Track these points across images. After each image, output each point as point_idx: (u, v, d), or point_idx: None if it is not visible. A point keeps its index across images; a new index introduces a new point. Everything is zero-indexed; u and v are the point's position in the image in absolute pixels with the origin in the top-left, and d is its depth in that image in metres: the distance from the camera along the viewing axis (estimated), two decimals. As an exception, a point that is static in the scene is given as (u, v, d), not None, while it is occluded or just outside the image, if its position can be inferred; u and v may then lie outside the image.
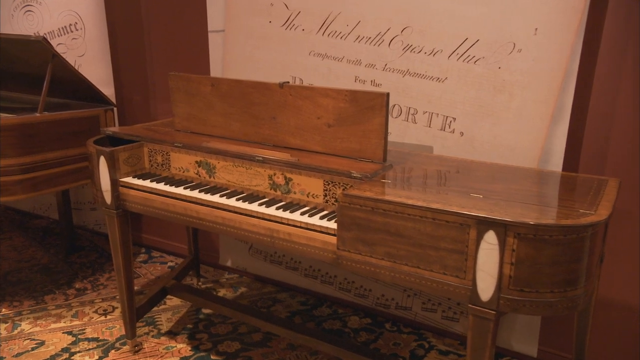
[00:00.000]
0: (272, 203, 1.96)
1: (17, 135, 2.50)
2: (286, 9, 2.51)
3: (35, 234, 4.06)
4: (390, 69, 2.32)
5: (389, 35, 2.28)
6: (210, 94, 2.30)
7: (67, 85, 2.97)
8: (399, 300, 2.62)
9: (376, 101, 1.89)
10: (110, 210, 2.26)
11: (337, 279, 2.81)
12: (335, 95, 1.98)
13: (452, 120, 2.22)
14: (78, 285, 3.23)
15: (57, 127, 2.69)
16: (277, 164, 1.99)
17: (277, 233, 1.86)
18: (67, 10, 3.31)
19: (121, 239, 2.30)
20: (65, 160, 2.75)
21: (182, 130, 2.45)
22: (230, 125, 2.29)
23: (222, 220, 1.99)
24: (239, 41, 2.70)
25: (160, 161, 2.31)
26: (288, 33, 2.55)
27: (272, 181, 2.02)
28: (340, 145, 2.03)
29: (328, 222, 1.78)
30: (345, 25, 2.37)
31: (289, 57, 2.58)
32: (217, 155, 2.13)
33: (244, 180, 2.09)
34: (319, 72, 2.51)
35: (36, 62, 2.78)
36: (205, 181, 2.20)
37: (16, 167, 2.52)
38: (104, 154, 2.18)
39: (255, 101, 2.18)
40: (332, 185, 1.88)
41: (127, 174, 2.28)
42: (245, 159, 2.06)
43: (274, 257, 3.03)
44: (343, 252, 1.68)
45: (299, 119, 2.09)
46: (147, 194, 2.19)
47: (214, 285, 3.26)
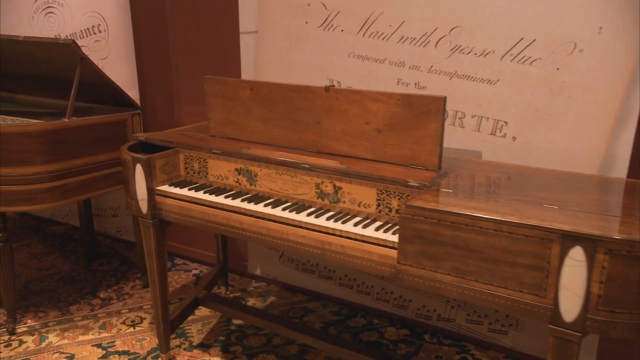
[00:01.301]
0: (321, 213, 1.86)
1: (46, 142, 2.41)
2: (324, 9, 2.42)
3: (54, 240, 3.97)
4: (436, 71, 2.22)
5: (435, 36, 2.18)
6: (249, 99, 2.21)
7: (92, 88, 2.88)
8: (441, 311, 2.52)
9: (432, 105, 1.79)
10: (146, 220, 2.17)
11: (375, 289, 2.71)
12: (387, 100, 1.88)
13: (504, 125, 2.12)
14: (103, 294, 3.14)
15: (86, 132, 2.60)
16: (326, 172, 1.89)
17: (328, 245, 1.77)
18: (90, 11, 3.22)
19: (157, 250, 2.21)
20: (93, 167, 2.66)
21: (218, 135, 2.36)
22: (270, 131, 2.20)
23: (267, 231, 1.89)
24: (273, 42, 2.61)
25: (197, 168, 2.21)
26: (326, 34, 2.45)
27: (320, 190, 1.92)
28: (390, 152, 1.93)
29: (386, 234, 1.68)
30: (388, 26, 2.28)
31: (327, 59, 2.49)
32: (260, 162, 2.03)
33: (288, 189, 1.99)
34: (359, 74, 2.42)
35: (61, 65, 2.70)
36: (246, 189, 2.10)
37: (45, 175, 2.43)
38: (140, 161, 2.09)
39: (298, 106, 2.09)
40: (387, 195, 1.78)
41: (163, 182, 2.18)
42: (290, 167, 1.96)
43: (306, 265, 2.93)
44: (404, 267, 1.58)
45: (346, 124, 2.00)
46: (185, 203, 2.09)
47: (242, 294, 3.17)
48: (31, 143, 2.37)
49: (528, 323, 2.29)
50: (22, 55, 2.77)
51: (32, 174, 2.40)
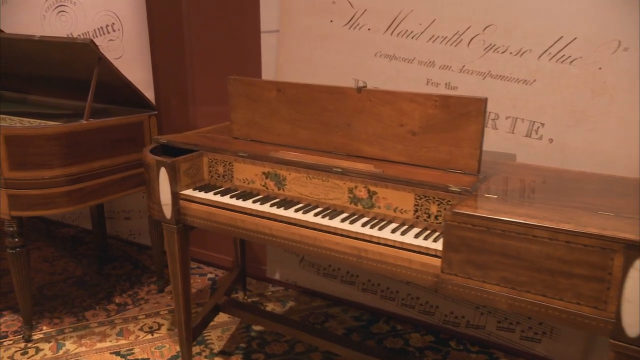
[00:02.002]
0: (355, 219, 1.79)
1: (64, 145, 2.34)
2: (350, 7, 2.35)
3: (65, 243, 3.90)
4: (469, 71, 2.15)
5: (468, 35, 2.11)
6: (276, 100, 2.14)
7: (107, 89, 2.81)
8: (470, 318, 2.45)
9: (472, 107, 1.72)
10: (170, 226, 2.10)
11: (400, 295, 2.64)
12: (423, 101, 1.81)
13: (540, 126, 2.05)
14: (118, 299, 3.07)
15: (103, 134, 2.53)
16: (360, 176, 1.82)
17: (365, 253, 1.70)
18: (105, 10, 3.15)
19: (181, 256, 2.14)
20: (110, 170, 2.59)
21: (242, 138, 2.29)
22: (296, 133, 2.13)
23: (299, 237, 1.82)
24: (296, 42, 2.54)
25: (222, 172, 2.14)
26: (351, 33, 2.38)
27: (353, 195, 1.85)
28: (426, 155, 1.86)
29: (426, 241, 1.61)
30: (418, 24, 2.21)
31: (352, 59, 2.41)
32: (289, 166, 1.96)
33: (319, 194, 1.92)
34: (386, 74, 2.35)
35: (77, 65, 2.63)
36: (274, 194, 2.03)
37: (63, 178, 2.36)
38: (165, 165, 2.02)
39: (328, 107, 2.02)
40: (425, 200, 1.71)
41: (187, 186, 2.11)
42: (322, 171, 1.89)
43: (327, 270, 2.86)
44: (449, 276, 1.51)
45: (378, 126, 1.93)
46: (211, 208, 2.02)
47: (260, 299, 3.10)
48: (49, 146, 2.30)
49: (563, 331, 2.22)
50: (37, 55, 2.70)
51: (49, 178, 2.33)
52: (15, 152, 2.24)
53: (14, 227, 2.37)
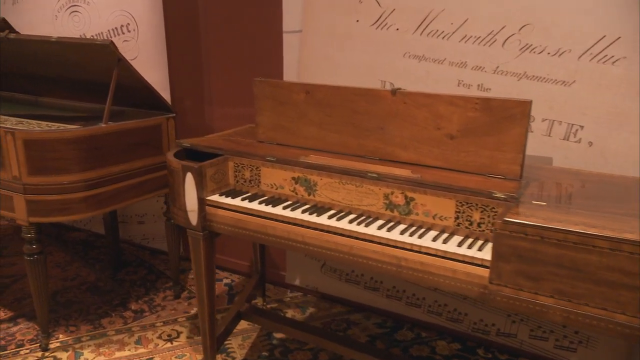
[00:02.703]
0: (392, 226, 1.73)
1: (83, 149, 2.27)
2: (378, 7, 2.28)
3: (76, 248, 3.83)
4: (503, 72, 2.08)
5: (503, 34, 2.04)
6: (304, 102, 2.07)
7: (123, 91, 2.74)
8: (500, 325, 2.39)
9: (516, 110, 1.66)
10: (196, 232, 2.03)
11: (426, 301, 2.57)
12: (463, 104, 1.75)
13: (579, 129, 1.98)
14: (134, 306, 3.00)
15: (122, 138, 2.46)
16: (397, 182, 1.75)
17: (405, 262, 1.63)
18: (119, 10, 3.08)
19: (206, 264, 2.07)
20: (129, 174, 2.52)
21: (267, 141, 2.22)
22: (325, 137, 2.06)
23: (334, 245, 1.76)
24: (319, 42, 2.47)
25: (249, 177, 2.08)
26: (379, 33, 2.31)
27: (389, 201, 1.78)
28: (464, 160, 1.80)
29: (470, 250, 1.55)
30: (450, 24, 2.14)
31: (379, 60, 2.35)
32: (320, 171, 1.90)
33: (352, 200, 1.86)
34: (415, 75, 2.28)
35: (95, 67, 2.56)
36: (304, 199, 1.96)
37: (81, 184, 2.29)
38: (191, 170, 1.95)
39: (359, 110, 1.95)
40: (467, 207, 1.64)
41: (213, 191, 2.05)
42: (356, 176, 1.82)
43: (350, 276, 2.79)
44: (498, 287, 1.45)
45: (414, 129, 1.86)
46: (239, 214, 1.96)
47: (279, 306, 3.03)
48: (68, 150, 2.23)
49: (601, 340, 2.15)
50: (52, 57, 2.63)
51: (67, 183, 2.27)
52: (34, 157, 2.17)
53: (32, 234, 2.30)
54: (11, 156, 2.18)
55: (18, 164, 2.18)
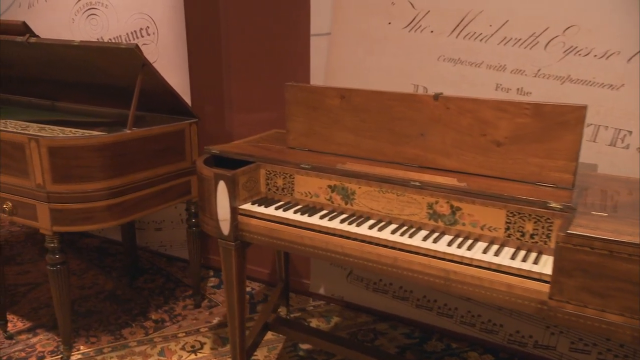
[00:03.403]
0: (438, 237, 1.65)
1: (108, 156, 2.20)
2: (412, 9, 2.21)
3: (90, 255, 3.76)
4: (545, 75, 2.01)
5: (546, 36, 1.97)
6: (338, 107, 2.00)
7: (144, 95, 2.67)
8: (538, 337, 2.31)
9: (571, 115, 1.58)
10: (227, 243, 1.96)
11: (459, 312, 2.50)
12: (512, 109, 1.67)
13: (627, 134, 1.91)
14: (154, 316, 2.93)
15: (146, 144, 2.39)
16: (442, 191, 1.68)
17: (454, 275, 1.55)
18: (139, 13, 3.02)
19: (238, 275, 2.00)
20: (152, 181, 2.45)
21: (298, 147, 2.15)
22: (361, 143, 1.99)
23: (376, 257, 1.68)
24: (349, 45, 2.40)
25: (281, 185, 2.00)
26: (412, 35, 2.24)
27: (433, 210, 1.71)
28: (511, 168, 1.72)
29: (525, 263, 1.47)
30: (488, 26, 2.07)
31: (412, 63, 2.28)
32: (359, 178, 1.82)
33: (392, 209, 1.78)
34: (449, 79, 2.21)
35: (117, 71, 2.49)
36: (341, 208, 1.89)
37: (105, 192, 2.22)
38: (224, 178, 1.88)
39: (398, 116, 1.88)
40: (519, 217, 1.57)
41: (245, 200, 1.98)
42: (397, 184, 1.75)
43: (378, 285, 2.72)
44: (559, 303, 1.37)
45: (457, 136, 1.79)
46: (273, 223, 1.88)
47: (302, 315, 2.96)
48: (93, 157, 2.16)
49: (647, 353, 2.08)
50: (72, 61, 2.56)
51: (92, 191, 2.20)
52: (59, 165, 2.11)
53: (55, 243, 2.23)
54: (35, 164, 2.11)
55: (42, 172, 2.11)
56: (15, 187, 2.22)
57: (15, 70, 2.94)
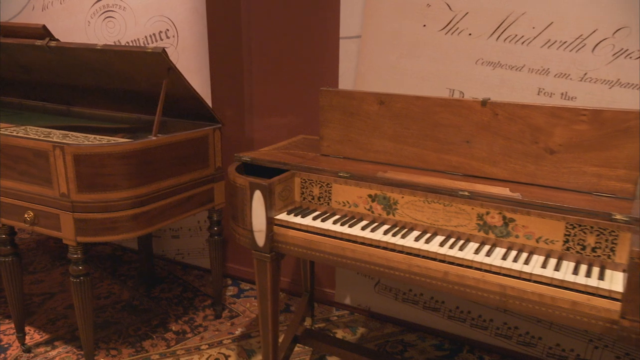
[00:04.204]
0: (490, 250, 1.57)
1: (134, 163, 2.12)
2: (449, 10, 2.13)
3: (104, 263, 3.68)
4: (592, 79, 1.93)
5: (594, 39, 1.89)
6: (377, 114, 1.92)
7: (167, 100, 2.59)
8: (580, 351, 2.22)
9: (633, 122, 1.51)
10: (262, 254, 1.87)
11: (494, 323, 2.41)
12: (568, 115, 1.59)
13: (680, 142, 1.82)
14: (174, 327, 2.85)
15: (171, 151, 2.31)
16: (494, 201, 1.59)
17: (511, 290, 1.47)
18: (158, 16, 2.94)
19: (272, 288, 1.92)
20: (176, 189, 2.37)
21: (332, 155, 2.07)
22: (401, 151, 1.91)
23: (425, 271, 1.60)
24: (380, 48, 2.32)
25: (317, 194, 1.92)
26: (449, 38, 2.17)
27: (483, 221, 1.63)
28: (565, 177, 1.64)
29: (590, 279, 1.39)
30: (531, 28, 1.99)
31: (447, 67, 2.20)
32: (402, 188, 1.74)
33: (438, 219, 1.70)
34: (488, 83, 2.13)
35: (138, 75, 2.41)
36: (382, 219, 1.81)
37: (130, 200, 2.14)
38: (260, 187, 1.80)
39: (442, 122, 1.80)
40: (580, 230, 1.49)
41: (280, 210, 1.89)
42: (444, 194, 1.67)
43: (407, 295, 2.64)
44: (633, 324, 1.29)
45: (506, 143, 1.71)
46: (311, 235, 1.80)
47: (327, 325, 2.87)
48: (119, 165, 2.08)
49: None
50: (94, 65, 2.48)
51: (117, 200, 2.11)
52: (84, 173, 2.02)
53: (78, 254, 2.15)
54: (59, 172, 2.03)
55: (67, 181, 2.03)
56: (37, 196, 2.13)
57: (32, 75, 2.86)
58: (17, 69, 2.86)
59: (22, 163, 2.12)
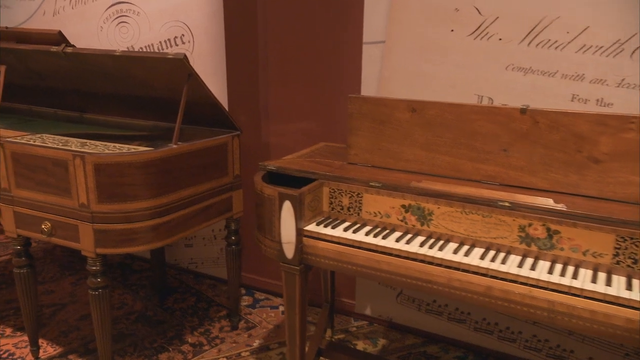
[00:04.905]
0: (534, 263, 1.51)
1: (155, 172, 2.06)
2: (478, 15, 2.08)
3: (113, 272, 3.60)
4: (630, 85, 1.88)
5: (632, 43, 1.84)
6: (409, 121, 1.86)
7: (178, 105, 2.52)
8: (615, 364, 2.16)
9: (685, 131, 1.45)
10: (291, 267, 1.81)
11: (523, 336, 2.35)
12: (614, 123, 1.54)
13: None
14: (190, 339, 2.77)
15: (191, 159, 2.25)
16: (538, 212, 1.53)
17: (560, 307, 1.41)
18: (173, 21, 2.89)
19: (300, 301, 1.85)
20: (196, 198, 2.31)
21: (360, 163, 2.01)
22: (433, 160, 1.85)
23: (467, 285, 1.54)
24: (405, 54, 2.27)
25: (347, 204, 1.86)
26: (478, 43, 2.11)
27: (525, 233, 1.57)
28: (611, 187, 1.58)
29: (649, 295, 1.33)
30: (565, 33, 1.94)
31: (476, 72, 2.14)
32: (438, 198, 1.68)
33: (476, 231, 1.64)
34: (518, 90, 2.07)
35: (156, 82, 2.35)
36: (416, 230, 1.75)
37: (151, 211, 2.07)
38: (290, 198, 1.73)
39: (479, 130, 1.74)
40: (631, 243, 1.43)
41: (308, 220, 1.83)
42: (483, 205, 1.61)
43: (431, 306, 2.57)
44: (695, 342, 1.23)
45: (547, 152, 1.65)
46: (343, 247, 1.74)
47: (346, 336, 2.80)
48: (140, 174, 2.01)
49: None
50: (109, 71, 2.42)
51: (137, 210, 2.05)
52: (105, 183, 1.96)
53: (97, 266, 2.08)
54: (79, 182, 1.96)
55: (87, 191, 1.96)
56: (55, 207, 2.07)
57: (44, 81, 2.80)
58: (28, 75, 2.80)
59: (40, 172, 2.06)
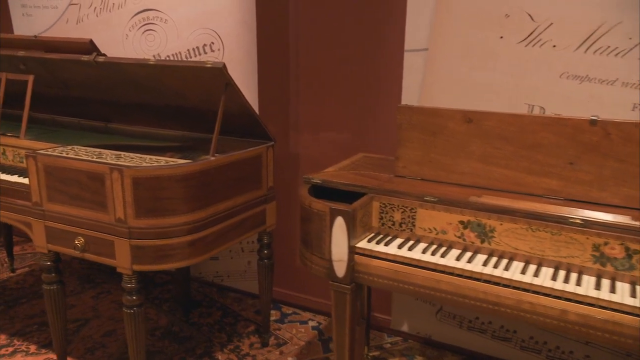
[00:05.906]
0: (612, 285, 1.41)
1: (194, 186, 1.97)
2: (530, 21, 1.99)
3: (136, 284, 3.50)
4: (697, 94, 1.78)
5: (700, 51, 1.75)
6: (464, 133, 1.77)
7: (213, 116, 2.44)
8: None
9: None
10: (342, 286, 1.72)
11: (574, 356, 2.24)
12: (696, 135, 1.44)
13: None
14: (220, 356, 2.68)
15: (228, 171, 2.16)
16: (615, 231, 1.44)
17: (646, 333, 1.31)
18: (203, 29, 2.81)
19: (351, 321, 1.76)
20: (231, 212, 2.22)
21: (409, 176, 1.91)
22: (490, 173, 1.76)
23: (538, 309, 1.44)
24: (450, 61, 2.18)
25: (399, 219, 1.77)
26: (529, 50, 2.02)
27: (600, 253, 1.47)
28: (690, 202, 1.48)
29: None
30: (627, 39, 1.85)
31: (526, 81, 2.05)
32: (501, 214, 1.58)
33: (544, 249, 1.54)
34: (573, 99, 1.98)
35: (190, 92, 2.27)
36: (475, 247, 1.65)
37: (188, 226, 1.98)
38: (343, 214, 1.64)
39: (542, 142, 1.65)
40: None
41: (359, 237, 1.74)
42: (552, 222, 1.51)
43: (474, 323, 2.47)
44: None
45: (619, 166, 1.56)
46: (398, 265, 1.64)
47: (381, 354, 2.70)
48: (178, 188, 1.93)
49: None
50: (141, 81, 2.34)
51: (174, 225, 1.96)
52: (143, 197, 1.87)
53: (133, 284, 1.99)
54: (116, 196, 1.88)
55: (124, 205, 1.88)
56: (89, 221, 1.98)
57: (71, 91, 2.73)
58: (55, 85, 2.72)
59: (74, 186, 1.97)
